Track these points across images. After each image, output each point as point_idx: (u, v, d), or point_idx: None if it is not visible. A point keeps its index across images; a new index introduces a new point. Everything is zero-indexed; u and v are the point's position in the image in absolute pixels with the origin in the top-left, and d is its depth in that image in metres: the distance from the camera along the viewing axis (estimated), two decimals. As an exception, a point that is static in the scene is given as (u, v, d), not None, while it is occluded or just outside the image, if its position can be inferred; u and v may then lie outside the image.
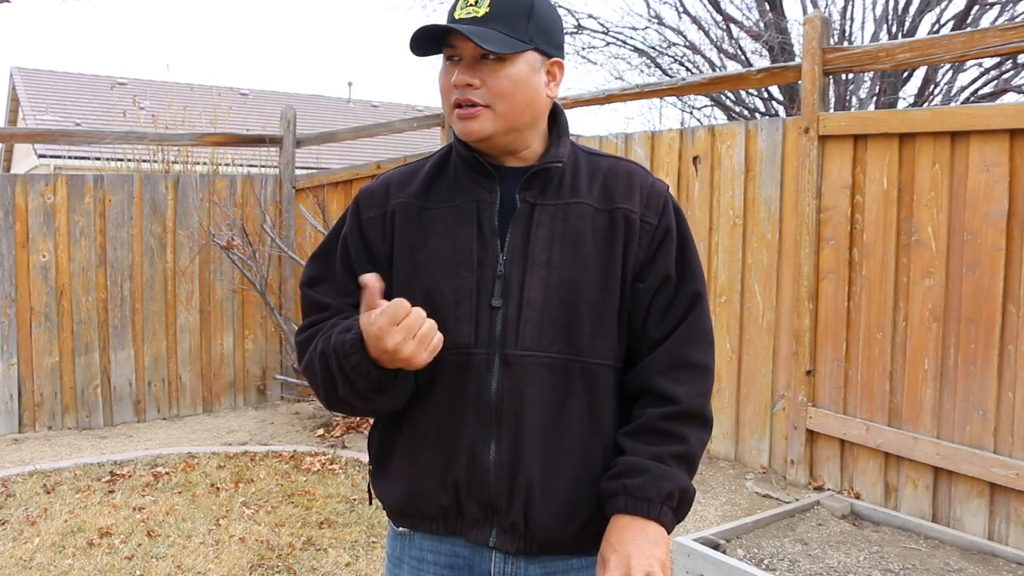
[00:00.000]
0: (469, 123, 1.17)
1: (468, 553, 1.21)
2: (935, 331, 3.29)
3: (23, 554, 3.19)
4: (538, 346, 1.16)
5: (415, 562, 1.25)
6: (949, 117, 3.28)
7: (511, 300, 1.17)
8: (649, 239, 1.22)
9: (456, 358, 1.17)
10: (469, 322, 1.17)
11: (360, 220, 1.26)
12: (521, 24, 1.16)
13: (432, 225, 1.21)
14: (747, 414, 4.03)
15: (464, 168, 1.23)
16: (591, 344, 1.19)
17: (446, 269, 1.18)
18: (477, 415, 1.16)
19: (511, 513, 1.16)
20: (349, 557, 3.19)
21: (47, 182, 5.10)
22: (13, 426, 5.01)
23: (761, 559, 2.94)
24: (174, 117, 8.03)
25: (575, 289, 1.18)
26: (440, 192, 1.24)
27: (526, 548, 1.18)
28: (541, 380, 1.17)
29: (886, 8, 8.93)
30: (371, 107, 18.35)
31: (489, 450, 1.16)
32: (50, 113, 13.44)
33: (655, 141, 4.40)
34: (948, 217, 3.26)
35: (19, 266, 4.99)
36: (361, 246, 1.25)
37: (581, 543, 1.20)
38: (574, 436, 1.17)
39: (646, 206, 1.23)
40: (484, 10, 1.14)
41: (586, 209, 1.21)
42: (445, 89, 1.19)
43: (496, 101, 1.16)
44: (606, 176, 1.24)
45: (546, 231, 1.19)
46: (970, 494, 3.19)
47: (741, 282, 4.03)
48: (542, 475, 1.16)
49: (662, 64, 10.60)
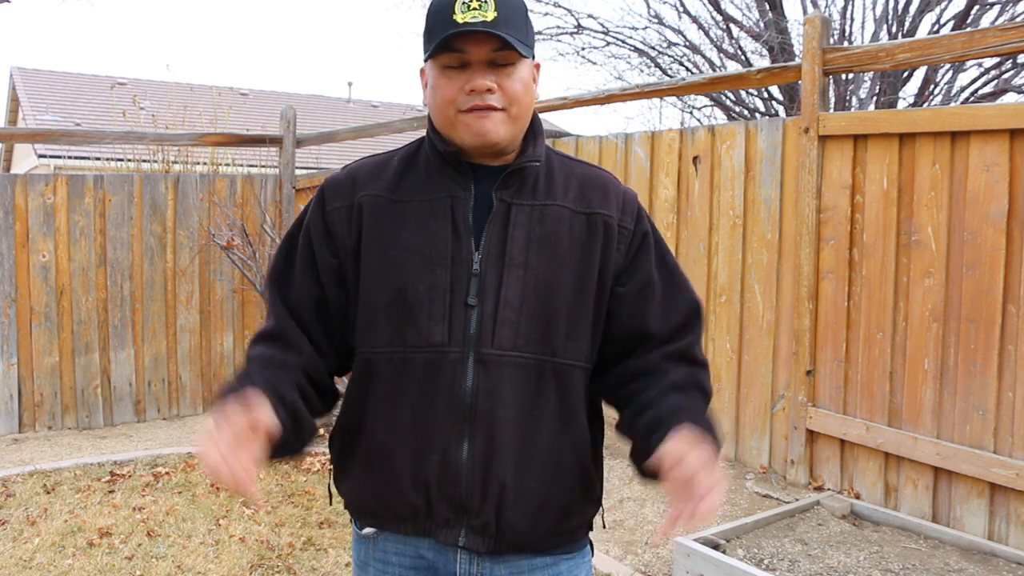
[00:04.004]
0: (486, 123, 1.15)
1: (432, 555, 1.21)
2: (935, 331, 3.29)
3: (23, 554, 3.19)
4: (514, 346, 1.16)
5: (380, 564, 1.25)
6: (949, 117, 3.28)
7: (487, 299, 1.16)
8: (627, 244, 1.24)
9: (428, 356, 1.16)
10: (442, 320, 1.16)
11: (324, 211, 1.25)
12: (523, 28, 1.16)
13: (404, 219, 1.20)
14: (747, 414, 4.03)
15: (438, 163, 1.22)
16: (565, 346, 1.19)
17: (420, 265, 1.17)
18: (450, 414, 1.15)
19: (483, 513, 1.16)
20: (349, 557, 3.19)
21: (47, 182, 5.10)
22: (13, 426, 5.01)
23: (761, 559, 2.94)
24: (174, 117, 8.03)
25: (552, 290, 1.18)
26: (412, 186, 1.22)
27: (496, 548, 1.18)
28: (515, 380, 1.16)
29: (886, 8, 8.93)
30: (371, 107, 18.36)
31: (462, 450, 1.15)
32: (50, 113, 13.44)
33: (655, 141, 4.40)
34: (948, 217, 3.26)
35: (19, 266, 4.99)
36: (324, 237, 1.24)
37: (548, 542, 1.21)
38: (546, 437, 1.17)
39: (622, 211, 1.24)
40: (492, 14, 1.12)
41: (563, 212, 1.21)
42: (451, 95, 1.15)
43: (511, 104, 1.16)
44: (581, 181, 1.25)
45: (523, 231, 1.18)
46: (970, 494, 3.19)
47: (741, 282, 4.03)
48: (515, 475, 1.15)
49: (662, 64, 10.61)
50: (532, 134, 1.23)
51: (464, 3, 1.12)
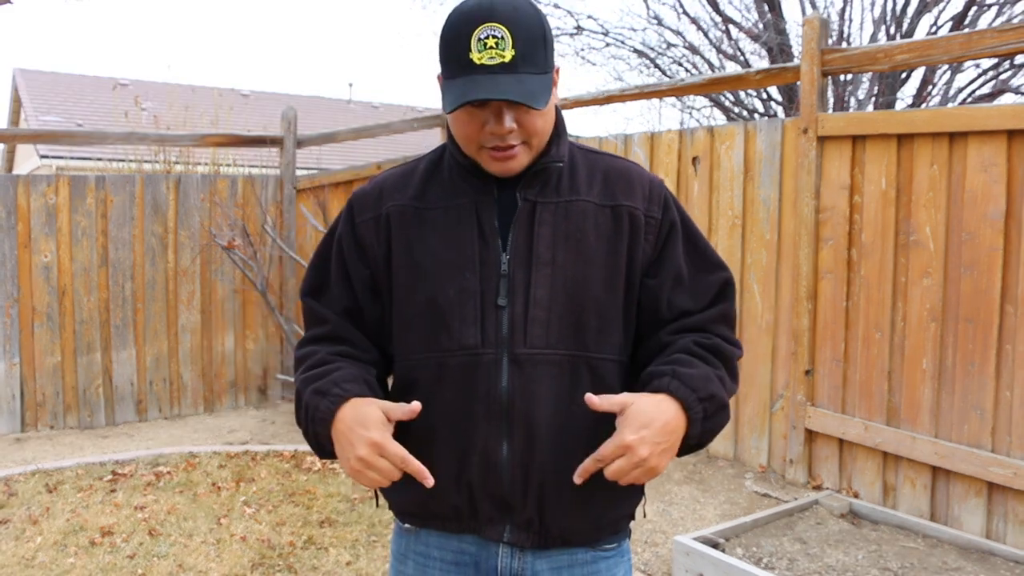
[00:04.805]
0: (508, 163, 1.17)
1: (475, 549, 1.23)
2: (933, 331, 3.30)
3: (25, 553, 3.20)
4: (547, 344, 1.18)
5: (420, 558, 1.26)
6: (947, 118, 3.29)
7: (517, 299, 1.18)
8: (655, 234, 1.24)
9: (464, 359, 1.18)
10: (475, 323, 1.18)
11: (354, 223, 1.27)
12: (542, 55, 1.14)
13: (431, 227, 1.22)
14: (746, 413, 4.05)
15: (462, 170, 1.23)
16: (597, 340, 1.20)
17: (448, 271, 1.19)
18: (488, 415, 1.17)
19: (526, 510, 1.18)
20: (350, 556, 3.20)
21: (49, 183, 5.11)
22: (15, 426, 5.02)
23: (760, 558, 2.95)
24: (175, 118, 8.05)
25: (581, 286, 1.19)
26: (437, 193, 1.24)
27: (541, 542, 1.20)
28: (550, 377, 1.18)
29: (884, 9, 8.95)
30: (371, 108, 18.38)
31: (502, 449, 1.17)
32: (52, 114, 13.46)
33: (654, 142, 4.41)
34: (946, 217, 3.28)
35: (21, 266, 5.00)
36: (355, 249, 1.26)
37: (593, 535, 1.23)
38: (584, 431, 1.18)
39: (648, 201, 1.24)
40: (510, 53, 1.10)
41: (587, 206, 1.21)
42: (473, 134, 1.16)
43: (531, 138, 1.17)
44: (605, 174, 1.25)
45: (549, 229, 1.19)
46: (968, 493, 3.20)
47: (740, 282, 4.05)
48: (555, 471, 1.17)
49: (661, 65, 10.62)
50: (556, 134, 1.23)
51: (481, 40, 1.10)
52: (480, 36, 1.10)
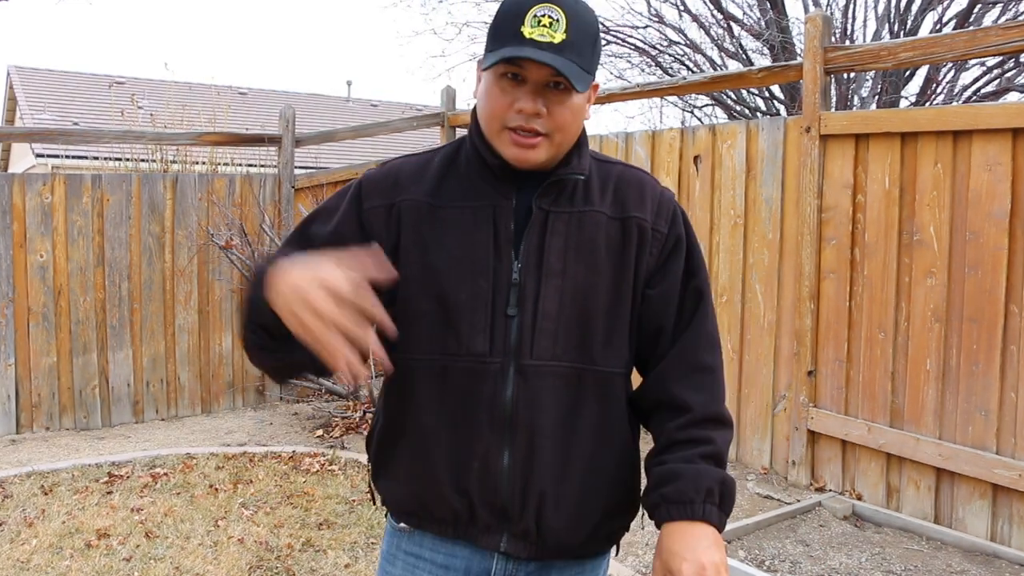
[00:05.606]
0: (527, 152, 1.14)
1: (467, 554, 1.22)
2: (937, 331, 3.28)
3: (21, 555, 3.17)
4: (553, 356, 1.17)
5: (411, 558, 1.25)
6: (951, 116, 3.26)
7: (526, 309, 1.16)
8: (660, 247, 1.23)
9: (469, 365, 1.16)
10: (484, 331, 1.16)
11: (361, 207, 1.23)
12: (589, 53, 1.13)
13: (446, 226, 1.19)
14: (748, 415, 4.02)
15: (481, 169, 1.20)
16: (603, 352, 1.19)
17: (460, 274, 1.17)
18: (491, 423, 1.16)
19: (523, 520, 1.17)
20: (348, 558, 3.17)
21: (45, 181, 5.08)
22: (11, 427, 4.99)
23: (763, 560, 2.93)
24: (172, 116, 8.02)
25: (589, 298, 1.18)
26: (453, 191, 1.21)
27: (537, 553, 1.20)
28: (555, 389, 1.17)
29: (888, 7, 8.91)
30: (370, 106, 18.33)
31: (502, 458, 1.16)
32: (48, 112, 13.42)
33: (656, 140, 4.38)
34: (950, 216, 3.25)
35: (17, 266, 4.97)
36: (358, 232, 1.21)
37: (589, 547, 1.23)
38: (586, 444, 1.18)
39: (657, 215, 1.23)
40: (561, 36, 1.09)
41: (600, 217, 1.20)
42: (500, 109, 1.14)
43: (555, 131, 1.14)
44: (617, 184, 1.24)
45: (560, 240, 1.18)
46: (972, 495, 3.17)
47: (742, 282, 4.02)
48: (554, 483, 1.17)
49: (663, 63, 10.58)
50: (578, 146, 1.21)
51: (536, 17, 1.10)
52: (537, 13, 1.10)
